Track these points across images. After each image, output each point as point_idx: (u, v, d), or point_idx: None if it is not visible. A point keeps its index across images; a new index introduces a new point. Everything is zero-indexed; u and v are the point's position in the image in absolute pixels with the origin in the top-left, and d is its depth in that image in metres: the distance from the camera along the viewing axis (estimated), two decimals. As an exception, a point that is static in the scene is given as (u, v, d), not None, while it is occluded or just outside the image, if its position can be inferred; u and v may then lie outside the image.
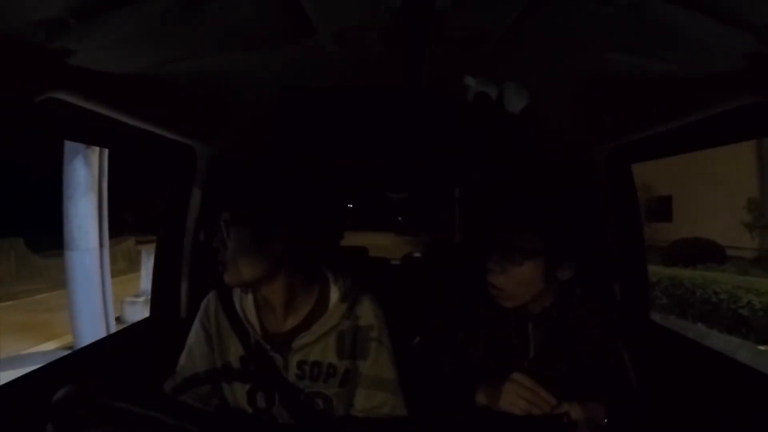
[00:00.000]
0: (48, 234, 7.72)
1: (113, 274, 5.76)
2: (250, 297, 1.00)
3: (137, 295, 6.91)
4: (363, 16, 0.85)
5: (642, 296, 1.53)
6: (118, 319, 5.86)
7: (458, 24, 0.86)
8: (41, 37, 0.74)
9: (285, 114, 1.29)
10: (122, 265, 11.51)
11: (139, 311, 6.24)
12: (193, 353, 1.02)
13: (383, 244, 11.47)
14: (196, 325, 1.04)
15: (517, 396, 0.87)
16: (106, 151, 5.14)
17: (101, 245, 5.18)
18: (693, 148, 1.24)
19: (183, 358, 1.03)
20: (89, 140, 1.46)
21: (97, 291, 5.10)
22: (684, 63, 0.91)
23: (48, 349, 5.55)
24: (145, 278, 7.02)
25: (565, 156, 1.63)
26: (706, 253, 8.13)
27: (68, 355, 1.25)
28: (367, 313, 0.99)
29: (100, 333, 4.69)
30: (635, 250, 1.52)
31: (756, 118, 0.90)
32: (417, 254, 3.09)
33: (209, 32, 0.88)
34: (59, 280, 7.52)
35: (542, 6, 0.76)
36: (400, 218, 18.07)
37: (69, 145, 4.90)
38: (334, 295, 0.98)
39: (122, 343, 1.43)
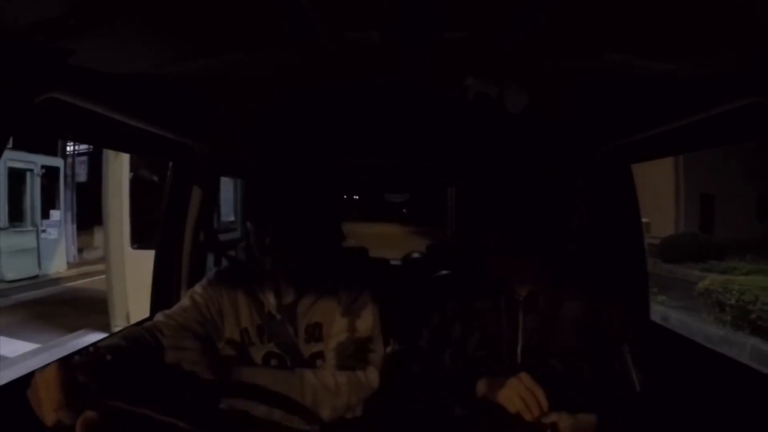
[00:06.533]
0: None
1: None
2: (260, 271, 1.07)
3: None
4: (363, 16, 0.85)
5: (641, 296, 1.53)
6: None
7: (458, 24, 0.86)
8: (41, 37, 0.74)
9: (285, 114, 1.29)
10: None
11: None
12: (196, 303, 1.08)
13: (389, 233, 14.08)
14: (203, 284, 1.10)
15: (515, 393, 0.87)
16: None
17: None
18: (693, 148, 1.24)
19: (184, 301, 1.09)
20: (89, 140, 1.45)
21: None
22: (684, 63, 0.91)
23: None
24: None
25: (565, 155, 1.63)
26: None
27: (68, 355, 1.25)
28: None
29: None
30: (634, 249, 1.52)
31: (756, 118, 0.90)
32: (416, 254, 3.12)
33: (209, 32, 0.88)
34: None
35: (542, 6, 0.76)
36: (404, 210, 19.94)
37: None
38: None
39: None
